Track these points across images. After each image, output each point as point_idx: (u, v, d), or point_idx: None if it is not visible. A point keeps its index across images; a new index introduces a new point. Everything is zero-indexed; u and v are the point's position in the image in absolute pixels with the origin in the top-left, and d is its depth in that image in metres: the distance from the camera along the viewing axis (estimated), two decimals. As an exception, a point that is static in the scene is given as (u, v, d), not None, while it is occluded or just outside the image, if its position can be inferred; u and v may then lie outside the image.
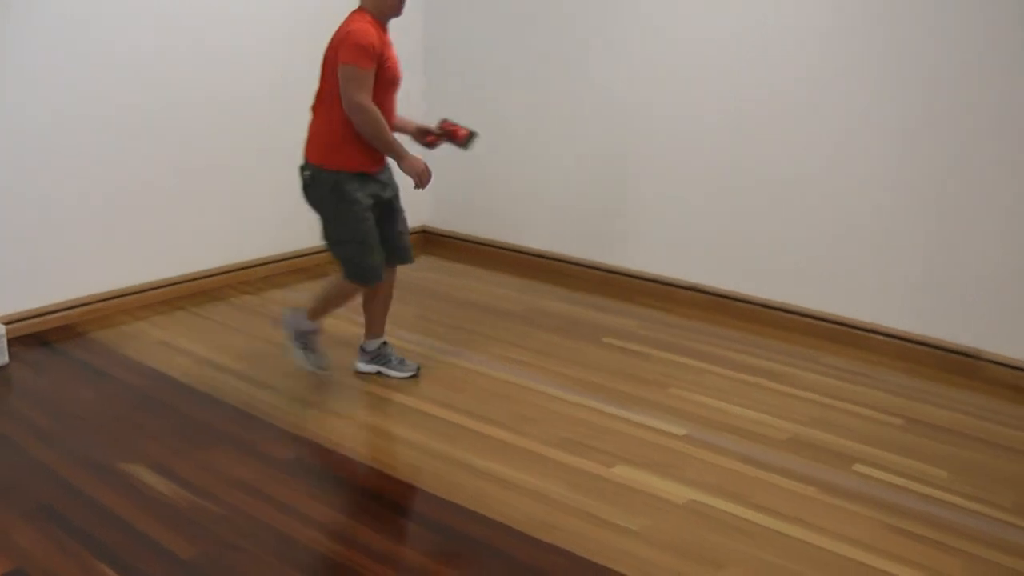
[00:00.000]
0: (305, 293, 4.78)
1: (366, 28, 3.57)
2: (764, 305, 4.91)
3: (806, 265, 4.78)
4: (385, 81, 3.68)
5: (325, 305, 3.96)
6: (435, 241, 6.24)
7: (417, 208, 5.67)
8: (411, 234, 4.19)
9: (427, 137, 3.99)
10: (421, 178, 3.80)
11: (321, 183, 3.71)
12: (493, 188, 5.97)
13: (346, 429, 3.64)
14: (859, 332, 4.63)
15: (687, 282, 5.16)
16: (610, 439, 3.56)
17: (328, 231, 3.82)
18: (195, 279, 5.15)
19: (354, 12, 3.68)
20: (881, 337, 4.57)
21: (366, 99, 3.60)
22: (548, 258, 5.72)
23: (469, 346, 4.46)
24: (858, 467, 3.44)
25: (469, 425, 3.66)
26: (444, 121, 3.99)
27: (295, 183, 3.83)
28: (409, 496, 3.20)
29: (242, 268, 5.38)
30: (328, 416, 3.72)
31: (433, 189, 4.37)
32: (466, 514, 3.04)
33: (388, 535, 2.95)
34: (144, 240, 4.91)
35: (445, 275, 5.66)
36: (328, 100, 3.67)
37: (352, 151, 3.70)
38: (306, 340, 4.01)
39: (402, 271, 4.18)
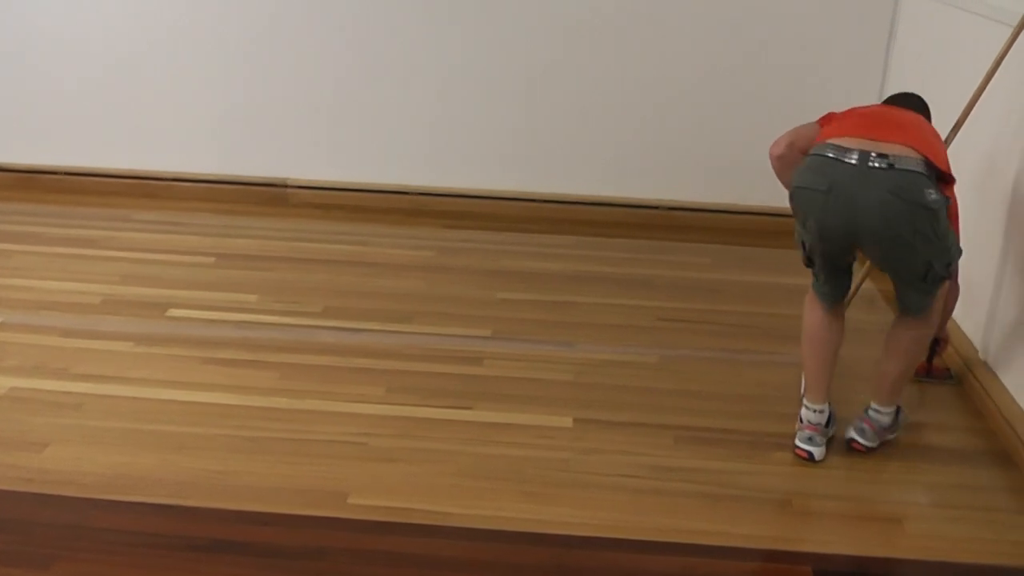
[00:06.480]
0: None
1: None
2: (72, 173, 4.97)
3: (113, 125, 4.87)
4: None
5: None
6: None
7: None
8: None
9: None
10: None
11: (943, 202, 2.67)
12: None
13: None
14: (165, 183, 4.92)
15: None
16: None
17: (943, 258, 2.76)
18: None
19: None
20: (187, 184, 4.90)
21: None
22: None
23: None
24: (172, 312, 3.73)
25: None
26: None
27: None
28: None
29: None
30: None
31: None
32: None
33: None
34: None
35: None
36: None
37: None
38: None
39: None
